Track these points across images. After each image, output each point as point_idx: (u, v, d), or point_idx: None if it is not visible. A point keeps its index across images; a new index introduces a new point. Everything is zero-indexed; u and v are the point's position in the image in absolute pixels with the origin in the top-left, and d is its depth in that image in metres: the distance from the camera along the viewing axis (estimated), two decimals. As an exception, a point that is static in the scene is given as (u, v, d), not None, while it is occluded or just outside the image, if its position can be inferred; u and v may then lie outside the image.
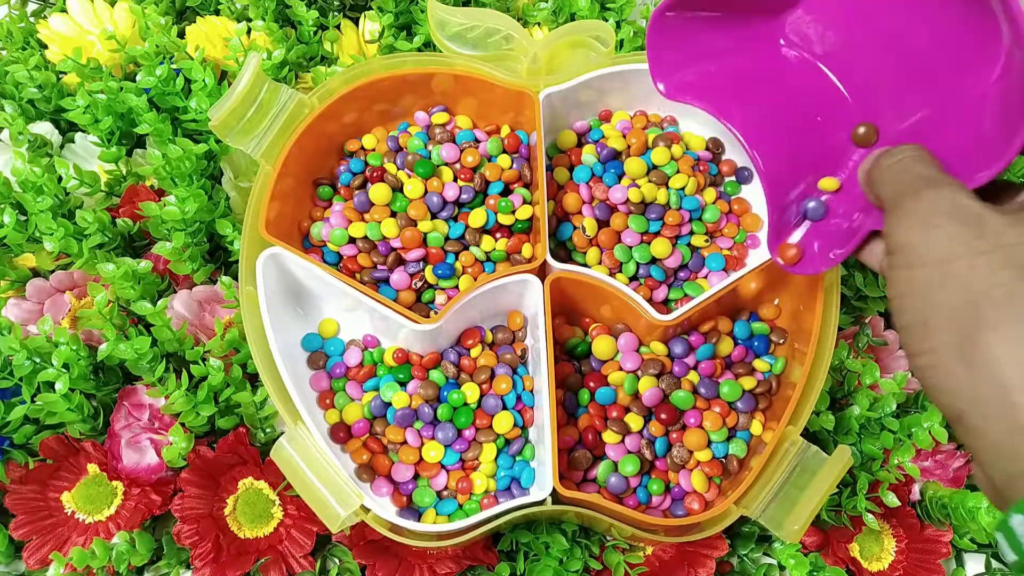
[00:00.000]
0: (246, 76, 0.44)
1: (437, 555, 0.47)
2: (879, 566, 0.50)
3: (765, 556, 0.50)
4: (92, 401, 0.49)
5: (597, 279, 0.46)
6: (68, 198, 0.53)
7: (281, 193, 0.46)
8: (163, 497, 0.47)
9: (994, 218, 0.24)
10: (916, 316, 0.24)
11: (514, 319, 0.49)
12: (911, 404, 0.51)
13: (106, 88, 0.54)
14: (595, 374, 0.47)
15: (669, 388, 0.46)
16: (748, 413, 0.46)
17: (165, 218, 0.49)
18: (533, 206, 0.48)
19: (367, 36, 0.60)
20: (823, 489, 0.40)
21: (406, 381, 0.47)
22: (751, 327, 0.49)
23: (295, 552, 0.47)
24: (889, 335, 0.53)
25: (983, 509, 0.45)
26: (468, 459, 0.45)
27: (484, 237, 0.48)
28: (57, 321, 0.51)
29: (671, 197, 0.49)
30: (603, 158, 0.51)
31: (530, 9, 0.61)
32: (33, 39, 0.60)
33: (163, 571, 0.48)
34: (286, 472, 0.41)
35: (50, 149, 0.56)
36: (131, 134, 0.57)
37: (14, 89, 0.56)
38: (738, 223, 0.51)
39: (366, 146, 0.51)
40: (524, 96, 0.48)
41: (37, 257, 0.53)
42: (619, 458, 0.45)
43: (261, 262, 0.44)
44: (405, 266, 0.48)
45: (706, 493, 0.45)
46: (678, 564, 0.48)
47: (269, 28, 0.57)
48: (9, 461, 0.48)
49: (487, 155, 0.50)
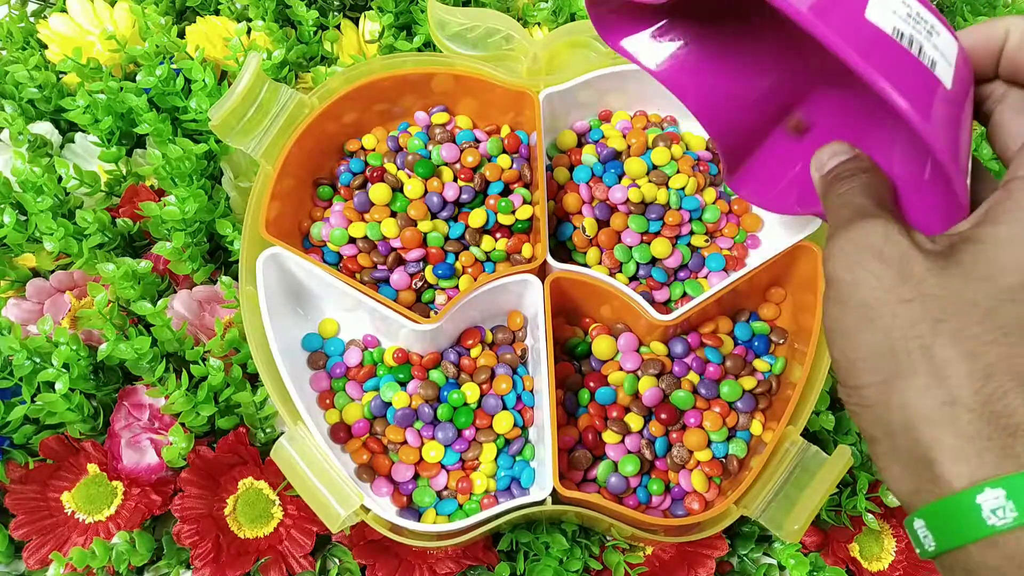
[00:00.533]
0: (246, 76, 0.44)
1: (437, 555, 0.47)
2: (879, 566, 0.50)
3: (765, 556, 0.50)
4: (92, 401, 0.49)
5: (597, 279, 0.46)
6: (68, 198, 0.53)
7: (281, 193, 0.46)
8: (163, 497, 0.47)
9: (920, 263, 0.25)
10: (843, 355, 0.26)
11: (514, 319, 0.49)
12: (911, 404, 0.51)
13: (106, 88, 0.54)
14: (595, 374, 0.47)
15: (669, 388, 0.46)
16: (748, 413, 0.46)
17: (165, 218, 0.49)
18: (533, 206, 0.48)
19: (367, 36, 0.60)
20: (823, 489, 0.40)
21: (406, 381, 0.47)
22: (751, 327, 0.49)
23: (295, 552, 0.47)
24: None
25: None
26: (468, 459, 0.45)
27: (484, 237, 0.48)
28: (57, 321, 0.51)
29: (671, 197, 0.50)
30: (603, 158, 0.51)
31: (530, 9, 0.61)
32: (33, 39, 0.60)
33: (163, 571, 0.48)
34: (286, 472, 0.41)
35: (50, 149, 0.56)
36: (131, 134, 0.57)
37: (14, 89, 0.56)
38: (738, 223, 0.51)
39: (366, 146, 0.51)
40: (524, 96, 0.48)
41: (37, 257, 0.53)
42: (619, 458, 0.45)
43: (261, 262, 0.44)
44: (405, 266, 0.48)
45: (706, 493, 0.45)
46: (678, 564, 0.48)
47: (269, 28, 0.57)
48: (9, 461, 0.48)
49: (487, 155, 0.50)
